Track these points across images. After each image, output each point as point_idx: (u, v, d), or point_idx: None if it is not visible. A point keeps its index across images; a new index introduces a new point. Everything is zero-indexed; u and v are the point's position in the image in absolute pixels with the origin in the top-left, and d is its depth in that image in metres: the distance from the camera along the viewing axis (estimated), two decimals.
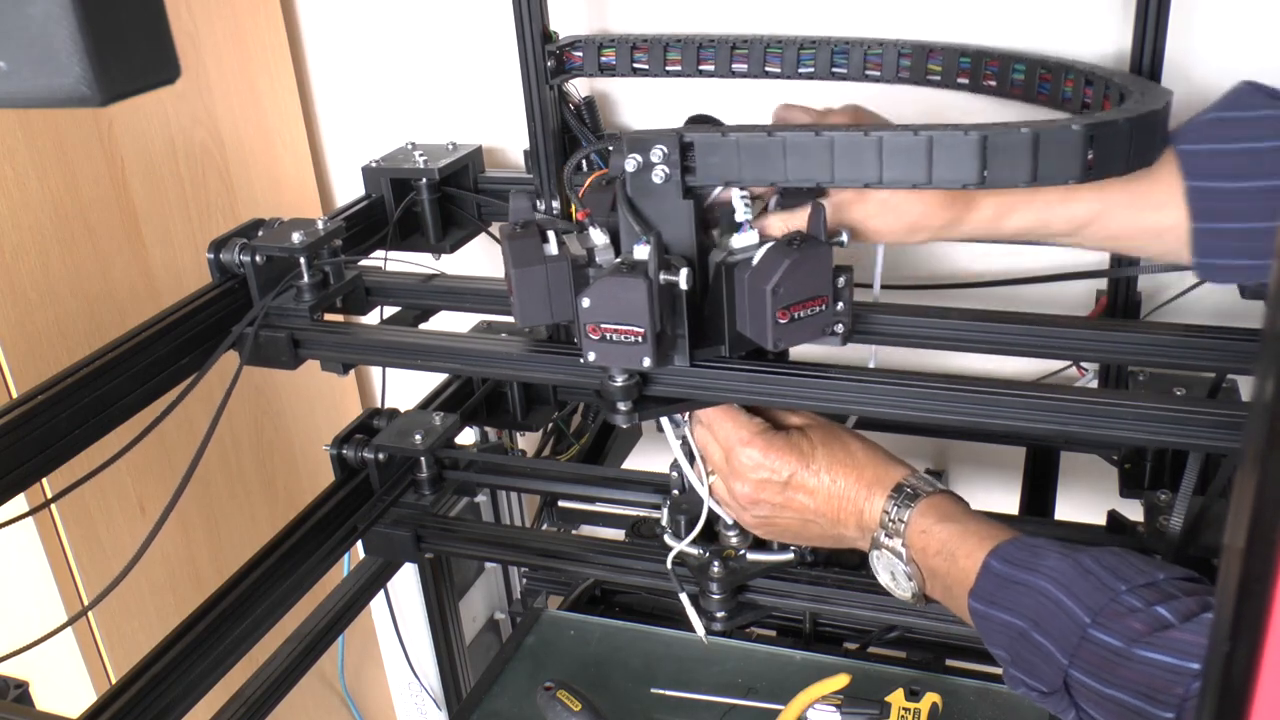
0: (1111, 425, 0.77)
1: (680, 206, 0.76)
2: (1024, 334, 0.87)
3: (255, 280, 1.02)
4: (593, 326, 0.76)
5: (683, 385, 0.83)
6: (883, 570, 0.80)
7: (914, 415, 0.80)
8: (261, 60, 1.40)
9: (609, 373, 0.82)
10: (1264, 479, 0.28)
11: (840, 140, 0.71)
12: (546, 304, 0.79)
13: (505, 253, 0.80)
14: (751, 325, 0.77)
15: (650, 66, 1.19)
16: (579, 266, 0.79)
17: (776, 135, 0.73)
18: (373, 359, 1.02)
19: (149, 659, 0.86)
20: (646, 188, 0.76)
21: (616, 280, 0.75)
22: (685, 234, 0.77)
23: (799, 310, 0.75)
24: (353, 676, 1.65)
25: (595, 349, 0.77)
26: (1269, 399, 0.27)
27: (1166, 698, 0.60)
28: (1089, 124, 0.68)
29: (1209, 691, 0.31)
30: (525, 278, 0.78)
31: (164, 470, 1.25)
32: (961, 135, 0.69)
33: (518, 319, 0.80)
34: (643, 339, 0.75)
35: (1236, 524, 0.29)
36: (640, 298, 0.74)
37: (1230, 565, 0.29)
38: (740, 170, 0.74)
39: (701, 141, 0.74)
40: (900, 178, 0.71)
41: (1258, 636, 0.28)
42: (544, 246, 0.79)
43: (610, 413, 0.84)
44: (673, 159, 0.75)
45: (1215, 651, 0.30)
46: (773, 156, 0.73)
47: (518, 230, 0.81)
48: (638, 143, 0.75)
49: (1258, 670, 0.29)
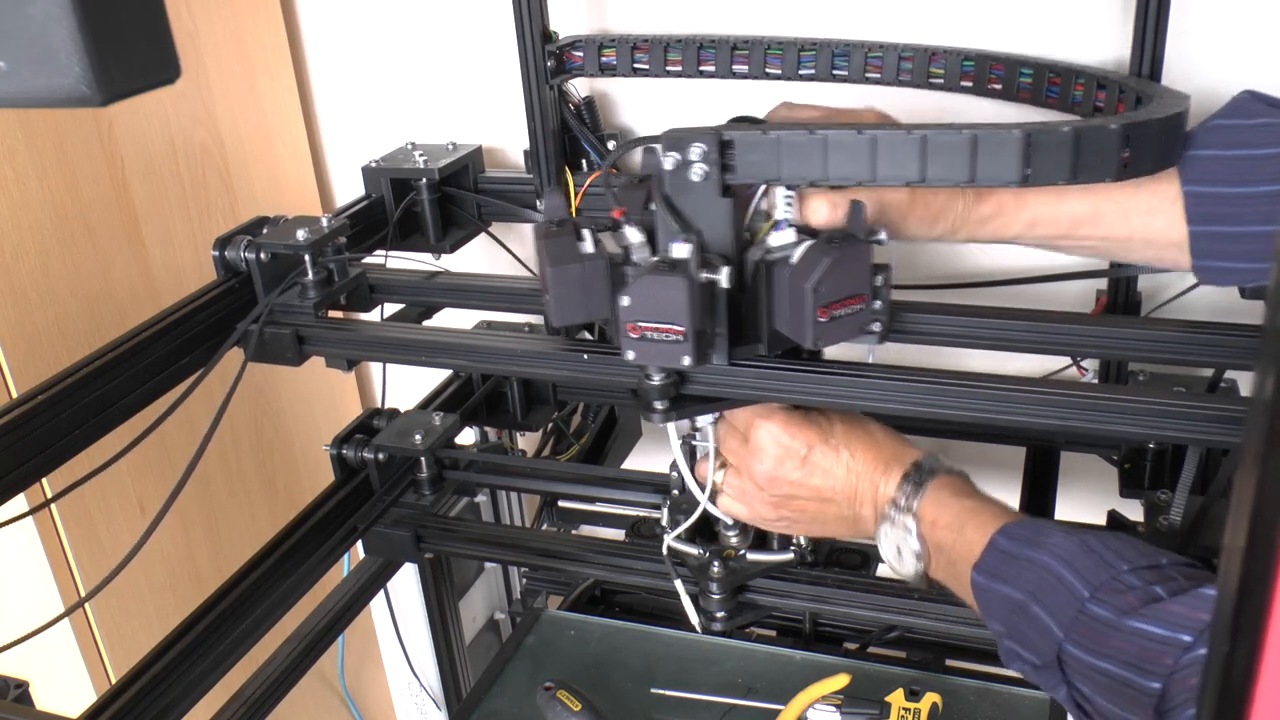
0: (1113, 420, 0.77)
1: (719, 205, 0.76)
2: (1025, 330, 0.87)
3: (260, 277, 1.02)
4: (632, 325, 0.76)
5: (721, 384, 0.82)
6: (889, 545, 0.80)
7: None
8: (261, 60, 1.40)
9: (646, 371, 0.82)
10: (1264, 477, 0.28)
11: (883, 138, 0.70)
12: (583, 302, 0.78)
13: (540, 251, 0.79)
14: (790, 324, 0.76)
15: (650, 67, 1.19)
16: (616, 265, 0.78)
17: (818, 133, 0.71)
18: (378, 355, 1.02)
19: (149, 659, 0.86)
20: (684, 185, 0.75)
21: (657, 279, 0.74)
22: (723, 232, 0.76)
23: (839, 309, 0.74)
24: (353, 676, 1.65)
25: (635, 348, 0.77)
26: (1269, 397, 0.27)
27: (1155, 668, 0.60)
28: (1125, 123, 0.68)
29: (1209, 691, 0.31)
30: (561, 276, 0.77)
31: (164, 470, 1.25)
32: (1006, 133, 0.68)
33: (553, 318, 0.79)
34: (683, 338, 0.75)
35: (1236, 523, 0.29)
36: (681, 296, 0.73)
37: (1230, 565, 0.29)
38: (780, 168, 0.73)
39: (741, 139, 0.73)
40: (943, 176, 0.70)
41: (1258, 636, 0.28)
42: (580, 245, 0.78)
43: (646, 411, 0.83)
44: (712, 157, 0.74)
45: (1215, 651, 0.30)
46: (813, 155, 0.72)
47: (553, 228, 0.80)
48: (676, 141, 0.74)
49: (1258, 670, 0.29)
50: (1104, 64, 1.10)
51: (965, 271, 1.27)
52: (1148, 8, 0.99)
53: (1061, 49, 1.11)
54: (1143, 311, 1.16)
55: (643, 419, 0.87)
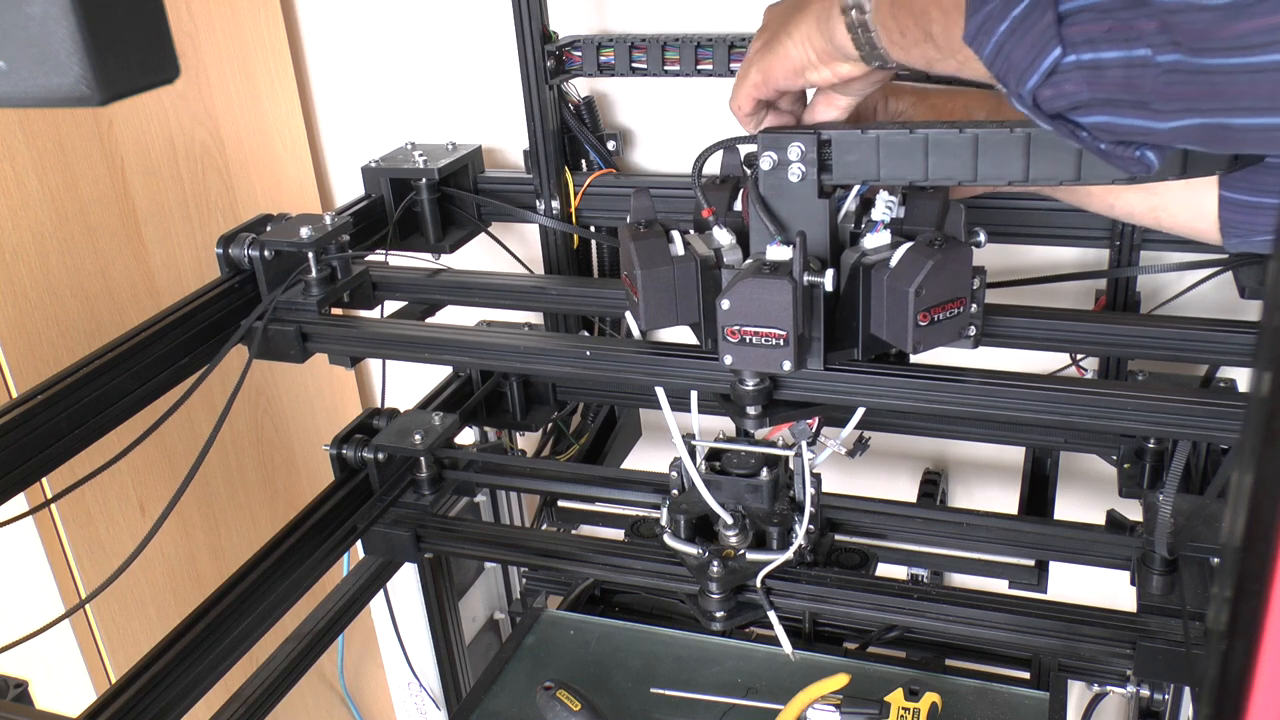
0: (1112, 415, 0.77)
1: (816, 206, 0.74)
2: (1025, 328, 0.87)
3: (264, 275, 1.02)
4: (731, 329, 0.74)
5: (816, 389, 0.81)
6: (843, 31, 0.67)
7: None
8: (261, 60, 1.40)
9: (739, 376, 0.80)
10: (1261, 474, 0.28)
11: (985, 137, 0.69)
12: (672, 306, 0.77)
13: (629, 253, 0.77)
14: (889, 328, 0.75)
15: (649, 66, 1.20)
16: (708, 267, 0.77)
17: (918, 133, 0.70)
18: (381, 352, 1.03)
19: (149, 658, 0.86)
20: (780, 186, 0.74)
21: (759, 281, 0.73)
22: (821, 234, 0.75)
23: (939, 313, 0.73)
24: (353, 676, 1.65)
25: (733, 352, 0.75)
26: (1266, 394, 0.27)
27: None
28: None
29: (1207, 689, 0.31)
30: (652, 279, 0.76)
31: (164, 470, 1.25)
32: None
33: (641, 322, 0.78)
34: (784, 341, 0.73)
35: (1234, 521, 0.29)
36: (785, 299, 0.72)
37: (1227, 564, 0.29)
38: (879, 168, 0.72)
39: (840, 139, 0.72)
40: (1046, 174, 0.69)
41: (1255, 634, 0.28)
42: (670, 247, 0.77)
43: (738, 417, 0.82)
44: (809, 157, 0.73)
45: (1212, 649, 0.30)
46: (913, 154, 0.71)
47: (641, 229, 0.78)
48: (774, 140, 0.73)
49: (1254, 669, 0.29)
50: None
51: None
52: None
53: None
54: (1142, 310, 1.16)
55: (734, 421, 0.84)
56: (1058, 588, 1.05)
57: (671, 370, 0.87)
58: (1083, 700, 1.22)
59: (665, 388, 0.88)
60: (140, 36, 0.35)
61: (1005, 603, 0.91)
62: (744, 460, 0.94)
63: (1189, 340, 0.84)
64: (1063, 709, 0.98)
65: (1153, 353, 0.86)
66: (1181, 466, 0.87)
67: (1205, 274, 1.11)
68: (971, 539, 0.99)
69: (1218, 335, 0.83)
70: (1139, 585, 0.90)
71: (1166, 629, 0.86)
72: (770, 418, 0.82)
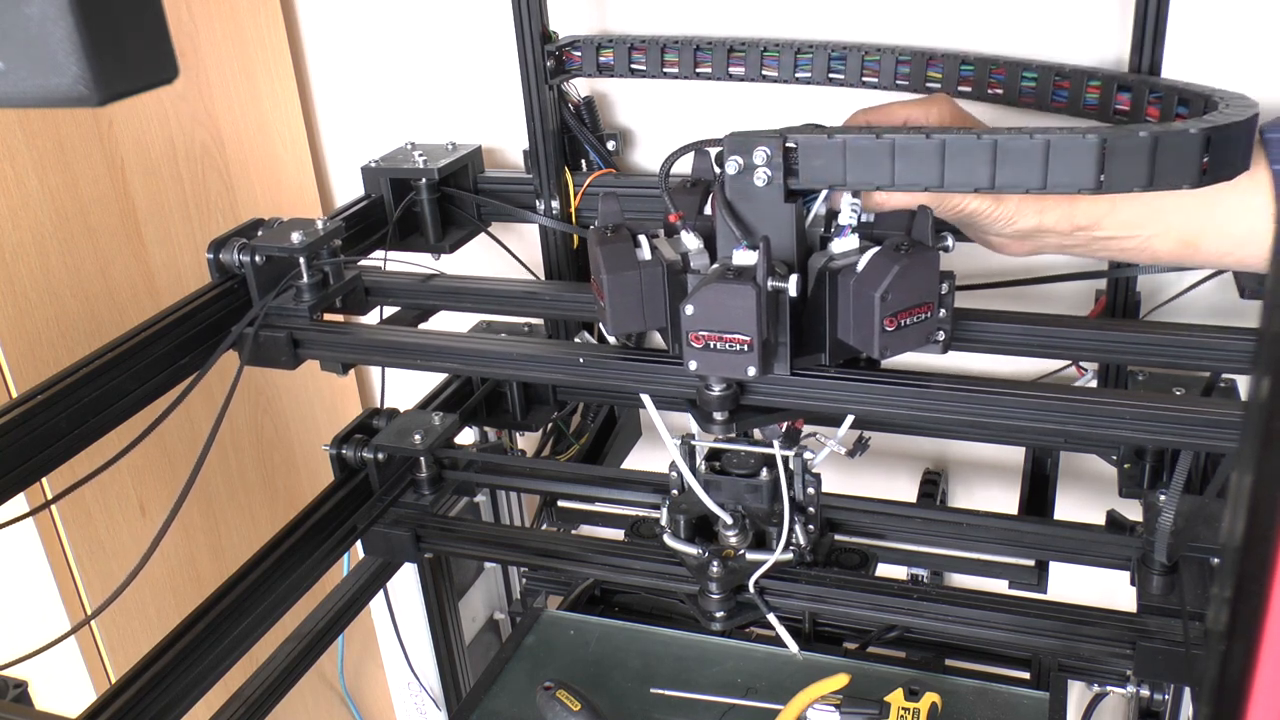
0: (1112, 425, 0.77)
1: (782, 210, 0.74)
2: (1024, 334, 0.87)
3: (255, 280, 1.02)
4: (695, 335, 0.74)
5: (782, 395, 0.80)
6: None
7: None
8: (261, 60, 1.40)
9: (706, 382, 0.80)
10: (1260, 475, 0.28)
11: (952, 143, 0.68)
12: (639, 310, 0.77)
13: (596, 257, 0.77)
14: (856, 333, 0.74)
15: (648, 67, 1.20)
16: (675, 272, 0.77)
17: (885, 138, 0.70)
18: (372, 359, 1.02)
19: (149, 659, 0.86)
20: (746, 191, 0.74)
21: (724, 287, 0.72)
22: (786, 239, 0.75)
23: (906, 317, 0.73)
24: (353, 676, 1.65)
25: (698, 358, 0.75)
26: (1265, 398, 0.27)
27: None
28: (1205, 128, 0.66)
29: (1207, 689, 0.31)
30: (618, 283, 0.76)
31: (164, 470, 1.25)
32: (1080, 138, 0.66)
33: (609, 326, 0.78)
34: (749, 347, 0.73)
35: (1234, 522, 0.29)
36: (749, 305, 0.71)
37: (1227, 564, 0.29)
38: (845, 173, 0.71)
39: (806, 143, 0.72)
40: (1013, 182, 0.68)
41: (1254, 635, 0.28)
42: (637, 251, 0.77)
43: (705, 423, 0.81)
44: (775, 161, 0.72)
45: (1212, 650, 0.30)
46: (880, 159, 0.70)
47: (608, 234, 0.78)
48: (739, 144, 0.73)
49: (1254, 669, 0.29)
50: (1102, 64, 1.10)
51: (964, 273, 1.26)
52: (1147, 8, 0.99)
53: (1057, 50, 1.11)
54: (1142, 311, 1.16)
55: (700, 427, 0.84)
56: (1058, 588, 1.05)
57: (660, 377, 0.86)
58: (1083, 700, 1.22)
59: (651, 394, 0.88)
60: (139, 37, 0.35)
61: (1005, 603, 0.91)
62: (744, 460, 0.94)
63: (1188, 347, 0.83)
64: (1063, 709, 0.98)
65: (1151, 360, 0.86)
66: (1183, 479, 0.87)
67: (1205, 274, 1.11)
68: (971, 539, 0.99)
69: (1217, 341, 0.83)
70: (1139, 585, 0.90)
71: (1166, 629, 0.86)
72: (737, 423, 0.81)
